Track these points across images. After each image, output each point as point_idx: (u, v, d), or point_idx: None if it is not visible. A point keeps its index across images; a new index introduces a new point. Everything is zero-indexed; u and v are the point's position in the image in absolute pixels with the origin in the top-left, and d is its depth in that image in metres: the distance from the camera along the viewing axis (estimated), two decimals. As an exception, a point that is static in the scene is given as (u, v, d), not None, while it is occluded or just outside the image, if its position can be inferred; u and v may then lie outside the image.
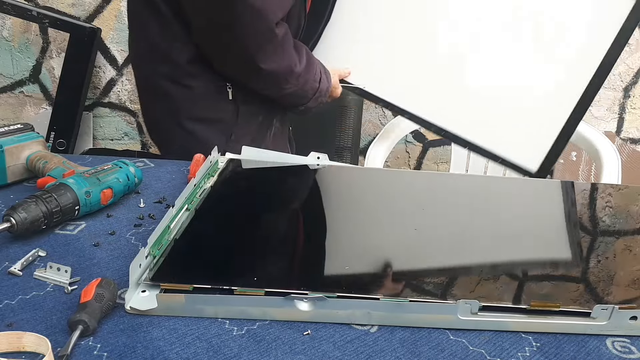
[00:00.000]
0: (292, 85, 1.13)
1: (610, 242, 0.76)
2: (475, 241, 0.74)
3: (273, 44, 1.04)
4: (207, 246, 0.74)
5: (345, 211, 0.86)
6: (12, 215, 0.70)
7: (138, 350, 0.55)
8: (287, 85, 1.13)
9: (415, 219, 0.82)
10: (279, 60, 1.07)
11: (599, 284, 0.66)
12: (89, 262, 0.69)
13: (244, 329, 0.58)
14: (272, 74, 1.08)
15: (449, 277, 0.65)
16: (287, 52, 1.08)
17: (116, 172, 0.85)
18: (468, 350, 0.57)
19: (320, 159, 1.00)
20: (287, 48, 1.08)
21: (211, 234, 0.77)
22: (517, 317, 0.59)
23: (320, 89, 1.19)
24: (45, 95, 2.15)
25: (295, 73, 1.12)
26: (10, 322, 0.58)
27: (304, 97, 1.19)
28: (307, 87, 1.17)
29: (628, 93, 2.08)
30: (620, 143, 2.01)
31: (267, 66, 1.06)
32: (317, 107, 1.23)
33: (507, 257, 0.71)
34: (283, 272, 0.69)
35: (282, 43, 1.06)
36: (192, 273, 0.66)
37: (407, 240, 0.75)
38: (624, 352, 0.57)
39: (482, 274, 0.67)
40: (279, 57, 1.07)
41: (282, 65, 1.08)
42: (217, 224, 0.80)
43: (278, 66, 1.07)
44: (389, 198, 0.91)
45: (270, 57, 1.05)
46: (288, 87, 1.13)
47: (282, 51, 1.07)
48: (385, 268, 0.67)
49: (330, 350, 0.56)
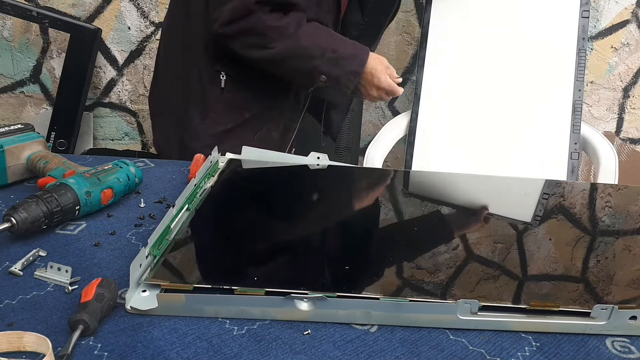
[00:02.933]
0: (277, 43, 1.08)
1: (609, 242, 0.76)
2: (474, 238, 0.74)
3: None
4: (207, 246, 0.74)
5: (345, 211, 0.86)
6: (12, 215, 0.71)
7: (138, 350, 0.55)
8: (268, 40, 1.08)
9: (415, 218, 0.82)
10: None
11: (599, 284, 0.66)
12: (89, 262, 0.69)
13: (244, 329, 0.58)
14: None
15: (449, 276, 0.66)
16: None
17: (116, 172, 0.85)
18: (468, 350, 0.57)
19: (320, 159, 1.00)
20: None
21: (211, 234, 0.78)
22: (517, 317, 0.60)
23: (337, 50, 1.11)
24: (46, 96, 2.15)
25: (275, 27, 1.07)
26: (10, 322, 0.58)
27: (306, 58, 1.10)
28: (307, 43, 1.09)
29: (627, 93, 2.08)
30: (620, 143, 2.01)
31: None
32: (349, 83, 1.13)
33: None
34: (283, 272, 0.69)
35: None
36: (192, 273, 0.67)
37: (407, 239, 0.75)
38: (623, 352, 0.58)
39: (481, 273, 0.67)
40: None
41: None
42: (217, 224, 0.80)
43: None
44: (389, 197, 0.91)
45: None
46: (273, 44, 1.08)
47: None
48: (385, 267, 0.67)
49: (330, 349, 0.56)
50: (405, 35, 2.02)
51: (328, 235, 0.80)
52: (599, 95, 2.08)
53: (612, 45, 2.01)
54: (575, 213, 0.85)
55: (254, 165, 1.00)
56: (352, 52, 1.14)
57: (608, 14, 1.97)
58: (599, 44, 2.01)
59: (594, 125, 1.98)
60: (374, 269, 0.68)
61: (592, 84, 2.06)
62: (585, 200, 0.90)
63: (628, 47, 2.01)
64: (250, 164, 1.00)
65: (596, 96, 2.08)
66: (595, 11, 1.96)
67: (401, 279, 0.66)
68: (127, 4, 1.99)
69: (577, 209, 0.87)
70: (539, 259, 0.71)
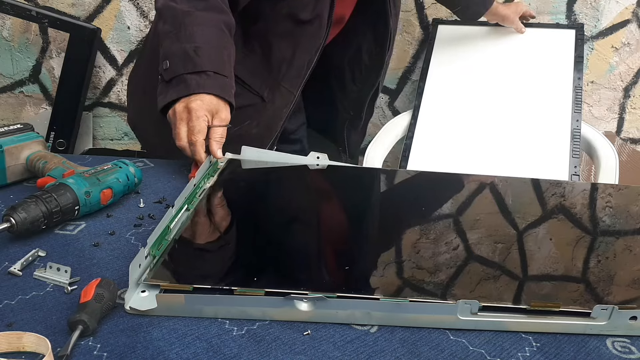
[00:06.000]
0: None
1: (610, 242, 0.76)
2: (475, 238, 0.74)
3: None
4: (206, 246, 0.74)
5: (345, 211, 0.86)
6: (12, 215, 0.70)
7: (138, 351, 0.55)
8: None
9: (415, 218, 0.82)
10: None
11: (599, 284, 0.66)
12: (88, 262, 0.69)
13: (243, 329, 0.58)
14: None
15: (449, 276, 0.65)
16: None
17: (116, 172, 0.85)
18: (468, 350, 0.57)
19: (320, 158, 0.99)
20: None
21: (211, 234, 0.77)
22: (517, 317, 0.59)
23: (199, 53, 0.93)
24: (45, 95, 2.15)
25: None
26: (10, 322, 0.58)
27: (169, 30, 0.97)
28: (189, 20, 0.95)
29: (628, 93, 2.08)
30: (621, 143, 2.01)
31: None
32: (169, 94, 0.94)
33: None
34: (283, 272, 0.69)
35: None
36: (192, 273, 0.66)
37: (407, 239, 0.75)
38: (624, 352, 0.57)
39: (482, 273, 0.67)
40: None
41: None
42: (216, 224, 0.80)
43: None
44: (388, 197, 0.91)
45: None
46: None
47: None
48: (385, 268, 0.67)
49: (330, 350, 0.56)
50: (406, 35, 2.02)
51: (328, 236, 0.80)
52: (599, 95, 2.08)
53: (613, 45, 2.01)
54: (575, 213, 0.85)
55: (254, 166, 1.00)
56: (208, 67, 0.94)
57: (608, 13, 1.96)
58: (599, 44, 2.00)
59: (594, 125, 1.98)
60: (374, 268, 0.67)
61: (593, 83, 2.06)
62: (585, 200, 0.90)
63: (629, 46, 2.00)
64: (250, 164, 0.99)
65: (597, 96, 2.08)
66: (595, 11, 1.96)
67: (401, 279, 0.66)
68: (126, 3, 1.99)
69: (578, 209, 0.87)
70: (539, 259, 0.71)
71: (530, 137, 1.68)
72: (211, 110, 0.92)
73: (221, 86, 0.94)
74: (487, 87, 1.80)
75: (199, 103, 0.91)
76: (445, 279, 0.65)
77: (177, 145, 0.92)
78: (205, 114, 0.91)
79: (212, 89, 0.93)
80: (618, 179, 1.52)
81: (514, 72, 1.81)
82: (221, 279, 0.63)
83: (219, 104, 0.93)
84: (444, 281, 0.65)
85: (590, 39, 2.01)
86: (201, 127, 0.90)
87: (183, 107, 0.92)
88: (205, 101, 0.92)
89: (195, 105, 0.90)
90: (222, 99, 0.94)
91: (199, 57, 0.93)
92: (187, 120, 0.91)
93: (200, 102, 0.91)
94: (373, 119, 2.15)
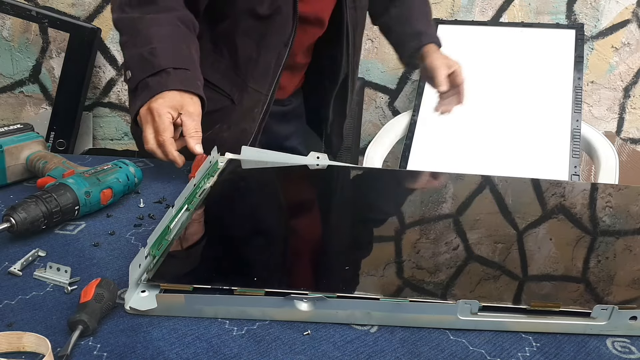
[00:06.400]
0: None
1: (610, 242, 0.76)
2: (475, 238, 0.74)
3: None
4: (206, 246, 0.74)
5: (345, 211, 0.86)
6: (12, 215, 0.70)
7: (138, 351, 0.55)
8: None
9: (416, 218, 0.82)
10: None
11: (599, 284, 0.66)
12: (88, 262, 0.69)
13: (243, 329, 0.58)
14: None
15: (449, 276, 0.65)
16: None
17: (116, 172, 0.85)
18: (468, 350, 0.57)
19: (320, 158, 0.99)
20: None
21: (211, 234, 0.77)
22: (517, 317, 0.59)
23: (155, 53, 0.91)
24: (45, 95, 2.15)
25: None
26: (10, 322, 0.58)
27: (127, 38, 0.96)
28: (144, 24, 0.94)
29: (628, 93, 2.08)
30: (621, 143, 2.01)
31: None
32: (137, 101, 0.91)
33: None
34: (283, 272, 0.69)
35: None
36: (191, 273, 0.66)
37: (407, 239, 0.75)
38: (624, 352, 0.57)
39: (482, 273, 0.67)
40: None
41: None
42: (216, 224, 0.80)
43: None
44: (388, 197, 0.91)
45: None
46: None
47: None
48: (385, 267, 0.67)
49: (330, 350, 0.56)
50: (405, 35, 2.02)
51: (328, 235, 0.80)
52: (599, 95, 2.08)
53: (613, 45, 2.01)
54: (575, 213, 0.85)
55: (254, 166, 1.00)
56: (165, 65, 0.91)
57: (608, 13, 1.97)
58: (599, 44, 2.01)
59: (594, 125, 1.98)
60: (375, 268, 0.67)
61: (593, 83, 2.06)
62: (585, 200, 0.90)
63: (629, 46, 2.00)
64: (249, 164, 0.99)
65: (597, 96, 2.08)
66: (595, 11, 1.96)
67: (401, 279, 0.66)
68: (126, 3, 1.99)
69: (578, 209, 0.87)
70: (539, 259, 0.71)
71: (530, 137, 1.69)
72: (175, 106, 0.88)
73: (182, 80, 0.91)
74: (487, 87, 1.80)
75: (159, 101, 0.88)
76: (445, 279, 0.65)
77: (147, 150, 0.89)
78: (168, 110, 0.87)
79: (174, 84, 0.90)
80: (618, 179, 1.52)
81: (514, 72, 1.82)
82: (221, 279, 0.63)
83: (183, 98, 0.90)
84: (444, 281, 0.65)
85: (590, 39, 2.01)
86: (165, 125, 0.86)
87: (146, 110, 0.89)
88: (167, 98, 0.89)
89: (156, 104, 0.88)
90: (187, 92, 0.91)
91: (155, 57, 0.91)
92: (151, 122, 0.88)
93: (162, 99, 0.88)
94: (373, 119, 2.16)
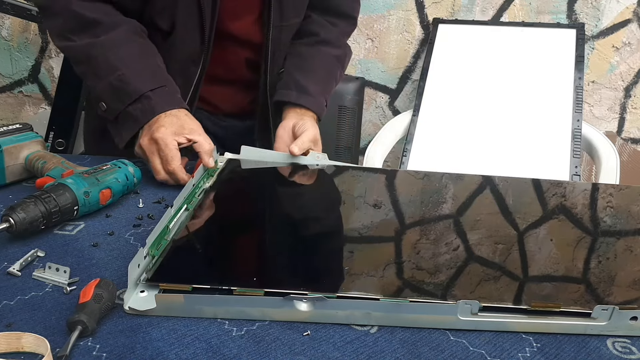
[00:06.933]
0: (77, 37, 0.91)
1: (611, 243, 0.75)
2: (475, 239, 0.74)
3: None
4: (206, 246, 0.74)
5: (345, 211, 0.86)
6: (10, 216, 0.70)
7: (137, 351, 0.55)
8: (68, 29, 0.92)
9: (415, 218, 0.82)
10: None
11: (600, 285, 0.65)
12: (87, 263, 0.69)
13: (243, 330, 0.58)
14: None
15: (449, 277, 0.65)
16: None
17: (115, 172, 0.84)
18: (468, 350, 0.57)
19: (319, 158, 0.99)
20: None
21: (210, 234, 0.77)
22: (517, 318, 0.59)
23: (125, 80, 0.88)
24: (45, 95, 2.15)
25: (79, 16, 0.91)
26: (9, 323, 0.58)
27: (90, 71, 0.92)
28: (100, 52, 0.90)
29: (629, 93, 2.08)
30: (621, 143, 2.01)
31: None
32: (126, 130, 0.91)
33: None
34: (282, 272, 0.69)
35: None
36: (191, 273, 0.66)
37: (407, 239, 0.75)
38: (624, 353, 0.57)
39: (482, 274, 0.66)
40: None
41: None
42: (216, 224, 0.80)
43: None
44: (389, 197, 0.90)
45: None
46: (73, 37, 0.92)
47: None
48: (385, 268, 0.67)
49: (330, 350, 0.56)
50: (406, 35, 2.02)
51: (328, 235, 0.80)
52: (600, 95, 2.08)
53: (614, 45, 2.01)
54: (576, 213, 0.85)
55: (253, 165, 0.99)
56: (142, 90, 0.89)
57: (609, 13, 1.96)
58: (600, 44, 2.00)
59: (595, 125, 1.97)
60: (374, 269, 0.67)
61: (594, 83, 2.06)
62: (586, 200, 0.90)
63: (629, 46, 2.00)
64: (249, 163, 0.99)
65: (597, 96, 2.08)
66: (596, 10, 1.96)
67: (401, 279, 0.66)
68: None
69: (579, 209, 0.86)
70: (540, 259, 0.70)
71: (531, 137, 1.68)
72: (177, 132, 0.89)
73: (166, 100, 0.91)
74: (488, 86, 1.80)
75: (162, 130, 0.88)
76: (445, 279, 0.65)
77: (158, 180, 0.90)
78: (173, 139, 0.88)
79: (160, 107, 0.90)
80: (619, 179, 1.52)
81: (515, 71, 1.82)
82: (221, 279, 0.63)
83: (178, 118, 0.90)
84: (444, 282, 0.65)
85: (591, 39, 2.01)
86: (173, 154, 0.88)
87: (148, 141, 0.89)
88: (167, 124, 0.89)
89: (160, 134, 0.88)
90: (177, 109, 0.92)
91: (127, 84, 0.89)
92: (157, 152, 0.89)
93: (164, 128, 0.88)
94: (373, 119, 2.16)
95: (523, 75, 1.79)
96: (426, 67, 1.86)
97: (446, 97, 1.80)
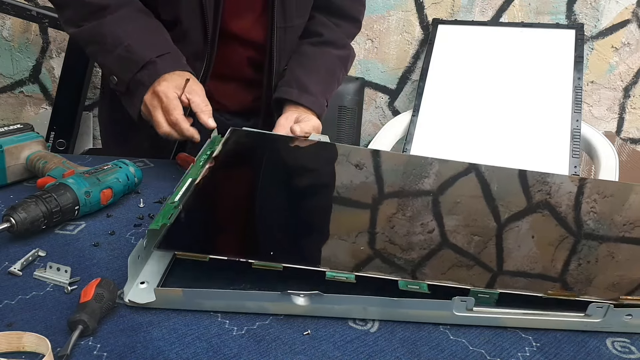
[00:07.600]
0: (87, 22, 0.94)
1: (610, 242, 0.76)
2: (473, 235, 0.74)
3: None
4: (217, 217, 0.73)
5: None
6: (11, 215, 0.70)
7: (138, 350, 0.55)
8: (79, 16, 0.95)
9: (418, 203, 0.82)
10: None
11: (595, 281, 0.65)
12: (88, 262, 0.69)
13: (243, 329, 0.58)
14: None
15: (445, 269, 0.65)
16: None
17: (116, 172, 0.85)
18: (468, 350, 0.57)
19: (321, 139, 0.99)
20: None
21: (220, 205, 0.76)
22: (512, 314, 0.60)
23: (132, 50, 0.91)
24: (45, 95, 2.15)
25: (87, 2, 0.93)
26: (10, 322, 0.58)
27: (98, 46, 0.94)
28: (108, 28, 0.92)
29: (628, 93, 2.08)
30: (621, 143, 2.01)
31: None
32: (136, 96, 0.92)
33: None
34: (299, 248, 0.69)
35: None
36: (205, 242, 0.66)
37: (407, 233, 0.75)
38: (624, 352, 0.57)
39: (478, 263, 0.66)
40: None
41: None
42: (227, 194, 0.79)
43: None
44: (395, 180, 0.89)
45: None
46: (83, 22, 0.95)
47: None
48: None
49: (330, 350, 0.56)
50: (406, 35, 2.02)
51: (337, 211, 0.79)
52: (599, 95, 2.08)
53: (613, 45, 2.01)
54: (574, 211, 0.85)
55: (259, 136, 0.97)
56: (148, 57, 0.91)
57: (608, 13, 1.97)
58: (599, 44, 2.01)
59: (594, 125, 1.98)
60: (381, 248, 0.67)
61: (593, 83, 2.06)
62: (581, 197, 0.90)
63: (629, 46, 2.00)
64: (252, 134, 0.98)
65: (597, 96, 2.08)
66: (595, 11, 1.96)
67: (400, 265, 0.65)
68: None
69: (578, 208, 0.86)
70: (539, 254, 0.70)
71: (530, 137, 1.69)
72: (178, 86, 0.90)
73: (171, 63, 0.93)
74: (487, 87, 1.80)
75: (164, 84, 0.90)
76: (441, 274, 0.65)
77: (162, 134, 0.91)
78: (174, 91, 0.89)
79: (165, 69, 0.91)
80: (618, 179, 1.52)
81: (514, 72, 1.82)
82: (238, 252, 0.62)
83: (182, 77, 0.92)
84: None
85: (590, 39, 2.01)
86: (175, 103, 0.88)
87: (150, 95, 0.91)
88: (169, 80, 0.90)
89: (161, 87, 0.89)
90: (182, 71, 0.93)
91: (133, 53, 0.91)
92: (159, 105, 0.90)
93: (165, 82, 0.90)
94: (373, 119, 2.16)
95: (522, 75, 1.80)
96: (426, 67, 1.86)
97: (446, 97, 1.80)
